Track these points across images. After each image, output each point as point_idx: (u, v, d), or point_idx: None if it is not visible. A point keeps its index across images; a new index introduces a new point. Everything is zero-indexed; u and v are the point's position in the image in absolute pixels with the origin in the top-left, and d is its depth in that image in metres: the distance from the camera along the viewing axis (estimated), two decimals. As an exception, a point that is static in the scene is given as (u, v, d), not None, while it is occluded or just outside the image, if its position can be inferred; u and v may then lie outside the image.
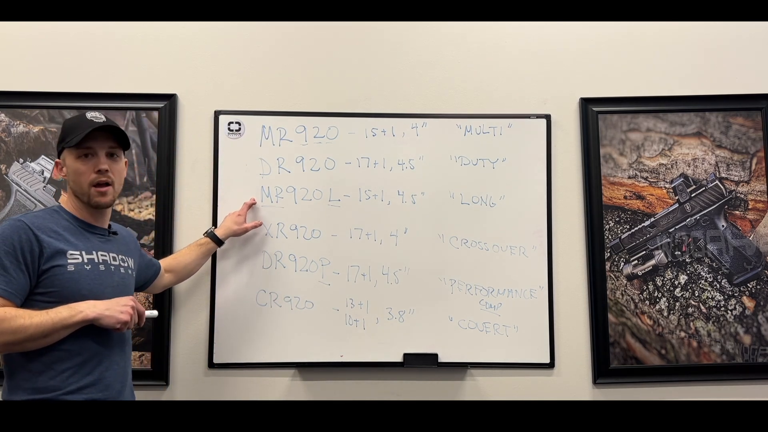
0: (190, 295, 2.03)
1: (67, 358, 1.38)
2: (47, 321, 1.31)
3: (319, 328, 2.01)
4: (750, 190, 2.09)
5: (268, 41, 2.12)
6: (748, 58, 2.15)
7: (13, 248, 1.34)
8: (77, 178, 1.46)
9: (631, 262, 2.08)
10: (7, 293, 1.32)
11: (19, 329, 1.29)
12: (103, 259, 1.48)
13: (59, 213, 1.48)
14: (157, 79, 2.08)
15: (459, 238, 2.06)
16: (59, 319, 1.32)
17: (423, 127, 2.08)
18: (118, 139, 1.50)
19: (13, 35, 2.07)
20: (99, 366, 1.43)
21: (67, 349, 1.38)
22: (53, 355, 1.36)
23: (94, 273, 1.44)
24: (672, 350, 2.04)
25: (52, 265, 1.38)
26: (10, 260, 1.33)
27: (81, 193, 1.47)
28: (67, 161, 1.48)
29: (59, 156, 1.51)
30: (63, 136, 1.48)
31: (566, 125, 2.13)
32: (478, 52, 2.15)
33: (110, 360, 1.46)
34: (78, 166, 1.46)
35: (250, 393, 2.01)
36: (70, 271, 1.39)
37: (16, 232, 1.36)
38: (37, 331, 1.30)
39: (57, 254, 1.39)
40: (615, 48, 2.16)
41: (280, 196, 2.05)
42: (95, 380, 1.41)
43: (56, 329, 1.33)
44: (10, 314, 1.29)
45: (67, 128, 1.49)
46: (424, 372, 2.04)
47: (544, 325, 2.04)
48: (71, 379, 1.37)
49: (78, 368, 1.39)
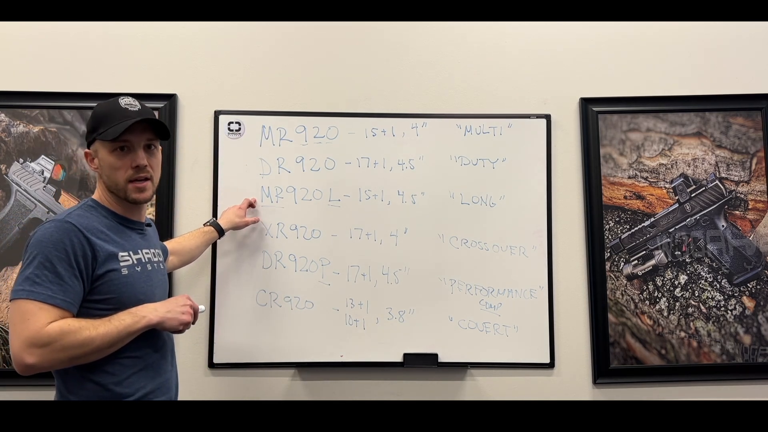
0: (190, 294, 2.02)
1: (131, 365, 1.34)
2: (113, 330, 1.25)
3: (319, 328, 2.01)
4: (750, 190, 2.09)
5: (268, 41, 2.12)
6: (748, 58, 2.15)
7: (66, 253, 1.24)
8: (112, 173, 1.36)
9: (631, 262, 2.08)
10: (66, 303, 1.24)
11: (86, 342, 1.22)
12: (147, 258, 1.42)
13: (97, 209, 1.38)
14: (157, 79, 2.08)
15: (459, 238, 2.06)
16: (123, 327, 1.27)
17: (423, 127, 2.08)
18: (156, 129, 1.40)
19: (13, 35, 2.07)
20: (160, 369, 1.42)
21: (129, 356, 1.34)
22: (117, 362, 1.31)
23: (145, 274, 1.39)
24: (672, 350, 2.04)
25: (107, 269, 1.30)
26: (64, 267, 1.24)
27: (116, 188, 1.37)
28: (100, 154, 1.36)
29: (89, 146, 1.40)
30: (94, 126, 1.36)
31: (566, 125, 2.13)
32: (478, 52, 2.15)
33: (167, 362, 1.45)
34: (113, 161, 1.35)
35: (250, 393, 2.01)
36: (125, 275, 1.33)
37: (67, 235, 1.26)
38: (104, 342, 1.24)
39: (110, 258, 1.31)
40: (615, 48, 2.16)
41: (280, 196, 2.05)
42: (160, 384, 1.41)
43: (122, 337, 1.27)
44: (75, 326, 1.22)
45: (99, 116, 1.36)
46: (424, 372, 2.04)
47: (544, 325, 2.04)
48: (139, 384, 1.35)
49: (143, 372, 1.36)
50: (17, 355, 1.20)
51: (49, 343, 1.20)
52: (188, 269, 2.01)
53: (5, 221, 2.00)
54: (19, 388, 1.94)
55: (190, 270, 2.02)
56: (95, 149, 1.38)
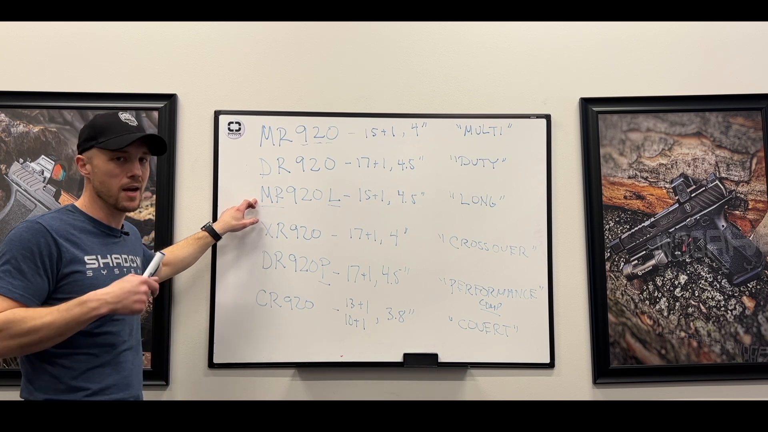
0: (190, 295, 2.03)
1: (87, 360, 1.39)
2: (59, 320, 1.29)
3: (319, 328, 2.01)
4: (750, 190, 2.09)
5: (268, 41, 2.12)
6: (748, 58, 2.15)
7: (31, 252, 1.33)
8: (108, 180, 1.44)
9: (631, 262, 2.08)
10: (23, 297, 1.31)
11: (31, 330, 1.27)
12: (117, 262, 1.48)
13: (74, 214, 1.46)
14: (157, 79, 2.08)
15: (459, 238, 2.06)
16: (71, 318, 1.30)
17: (423, 127, 2.08)
18: (150, 145, 1.50)
19: (13, 35, 2.07)
20: (118, 366, 1.45)
21: (86, 352, 1.39)
22: (74, 357, 1.37)
23: (110, 277, 1.43)
24: (672, 350, 2.04)
25: (72, 270, 1.37)
26: (28, 264, 1.32)
27: (108, 195, 1.46)
28: (96, 161, 1.45)
29: (82, 152, 1.47)
30: (94, 135, 1.44)
31: (566, 125, 2.13)
32: (478, 52, 2.15)
33: (126, 359, 1.48)
34: (111, 169, 1.44)
35: (250, 393, 2.01)
36: (89, 277, 1.39)
37: (34, 235, 1.34)
38: (50, 331, 1.29)
39: (75, 260, 1.38)
40: (615, 48, 2.16)
41: (280, 196, 2.05)
42: (117, 380, 1.44)
43: (70, 327, 1.31)
44: (20, 316, 1.28)
45: (99, 127, 1.45)
46: (424, 372, 2.04)
47: (544, 325, 2.04)
48: (95, 379, 1.39)
49: (99, 368, 1.40)
50: None
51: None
52: (188, 268, 2.01)
53: (5, 221, 2.00)
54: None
55: (190, 270, 2.01)
56: (90, 156, 1.46)
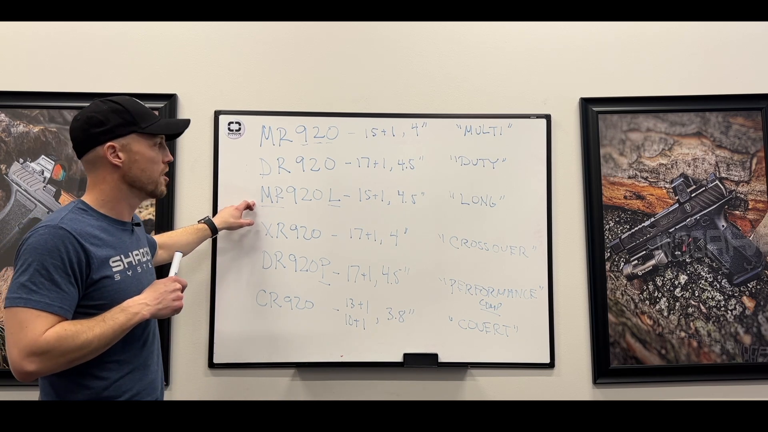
0: (190, 295, 2.03)
1: (118, 369, 1.37)
2: (108, 330, 1.28)
3: (319, 328, 2.02)
4: (750, 190, 2.09)
5: (268, 41, 2.12)
6: (748, 58, 2.15)
7: (61, 261, 1.25)
8: (151, 166, 1.43)
9: (631, 262, 2.08)
10: (62, 311, 1.26)
11: (83, 345, 1.25)
12: (138, 260, 1.45)
13: (88, 212, 1.38)
14: (157, 79, 2.08)
15: (459, 238, 2.06)
16: (118, 326, 1.30)
17: (423, 127, 2.08)
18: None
19: (13, 35, 2.07)
20: (146, 370, 1.44)
21: (117, 360, 1.37)
22: (105, 366, 1.34)
23: (135, 278, 1.41)
24: (672, 350, 2.04)
25: (101, 276, 1.32)
26: (60, 274, 1.25)
27: (149, 182, 1.43)
28: (136, 147, 1.40)
29: (112, 139, 1.38)
30: (132, 119, 1.39)
31: (566, 125, 2.13)
32: (478, 52, 2.15)
33: (152, 362, 1.48)
34: (154, 155, 1.43)
35: (250, 393, 2.01)
36: (117, 281, 1.35)
37: (61, 241, 1.26)
38: (100, 343, 1.27)
39: (103, 264, 1.33)
40: (615, 48, 2.16)
41: (280, 196, 2.05)
42: (145, 385, 1.43)
43: (116, 335, 1.30)
44: (71, 331, 1.24)
45: (136, 112, 1.41)
46: (424, 372, 2.04)
47: (544, 325, 2.04)
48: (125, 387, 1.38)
49: (130, 375, 1.39)
50: (17, 363, 1.22)
51: (48, 350, 1.22)
52: (189, 269, 2.02)
53: (5, 221, 2.00)
54: (19, 388, 1.94)
55: (191, 270, 2.02)
56: (126, 143, 1.39)
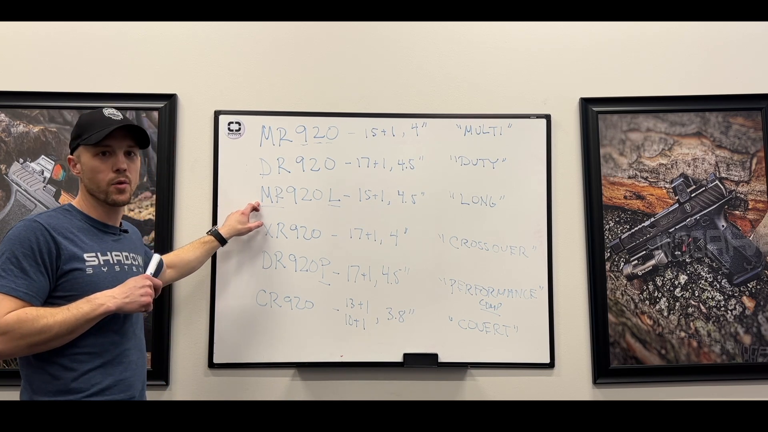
0: (190, 295, 2.03)
1: (89, 360, 1.38)
2: (70, 318, 1.31)
3: (319, 328, 2.01)
4: (750, 190, 2.09)
5: (268, 41, 2.12)
6: (748, 58, 2.15)
7: (31, 250, 1.33)
8: (94, 176, 1.45)
9: (631, 262, 2.08)
10: (27, 296, 1.31)
11: (43, 329, 1.28)
12: (117, 260, 1.48)
13: (71, 213, 1.46)
14: (157, 79, 2.08)
15: (459, 238, 2.06)
16: (81, 315, 1.32)
17: (423, 127, 2.08)
18: (135, 137, 1.50)
19: (13, 35, 2.07)
20: (120, 366, 1.44)
21: (88, 352, 1.38)
22: (75, 357, 1.36)
23: (111, 274, 1.43)
24: (672, 350, 2.04)
25: (71, 268, 1.37)
26: (29, 262, 1.32)
27: (98, 191, 1.46)
28: (83, 158, 1.46)
29: (72, 152, 1.49)
30: (79, 133, 1.46)
31: (566, 125, 2.13)
32: (478, 52, 2.15)
33: (129, 360, 1.47)
34: (96, 165, 1.45)
35: (250, 393, 2.01)
36: (89, 274, 1.39)
37: (33, 233, 1.34)
38: (62, 329, 1.30)
39: (74, 258, 1.38)
40: (615, 48, 2.16)
41: (280, 196, 2.05)
42: (117, 381, 1.42)
43: (80, 324, 1.32)
44: (32, 315, 1.28)
45: (83, 124, 1.46)
46: (424, 372, 2.04)
47: (544, 325, 2.04)
48: (94, 380, 1.38)
49: (101, 369, 1.39)
50: None
51: (8, 331, 1.27)
52: (188, 269, 2.02)
53: (5, 221, 2.00)
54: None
55: (190, 270, 2.02)
56: (78, 155, 1.48)
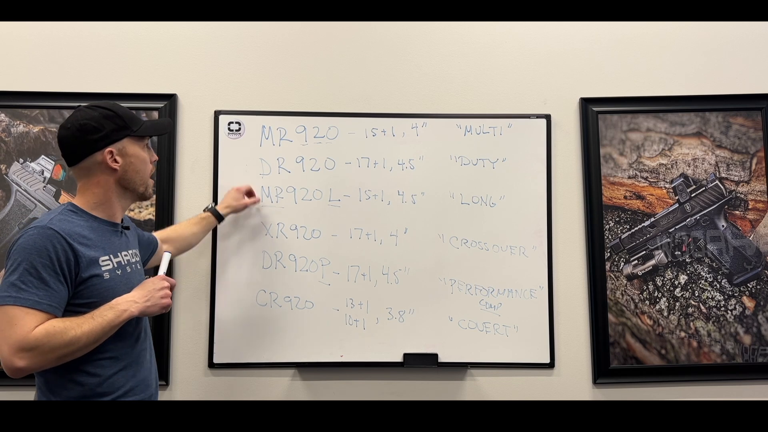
0: (190, 295, 2.03)
1: (111, 365, 1.38)
2: (96, 327, 1.30)
3: (319, 328, 2.01)
4: (750, 190, 2.09)
5: (268, 41, 2.12)
6: (748, 58, 2.15)
7: (49, 259, 1.28)
8: (144, 167, 1.47)
9: (631, 262, 2.08)
10: (51, 308, 1.28)
11: (72, 341, 1.27)
12: (126, 260, 1.47)
13: (77, 214, 1.40)
14: (157, 79, 2.08)
15: (459, 238, 2.06)
16: (107, 323, 1.32)
17: (423, 127, 2.08)
18: None
19: (13, 35, 2.07)
20: (139, 367, 1.46)
21: (110, 356, 1.38)
22: (98, 363, 1.36)
23: (125, 277, 1.43)
24: (672, 350, 2.04)
25: (90, 275, 1.35)
26: (48, 273, 1.28)
27: (141, 183, 1.47)
28: (130, 150, 1.43)
29: (109, 144, 1.40)
30: (124, 124, 1.42)
31: (566, 125, 2.13)
32: (477, 52, 2.15)
33: (145, 360, 1.49)
34: (146, 156, 1.48)
35: (250, 393, 2.01)
36: (107, 280, 1.38)
37: (49, 241, 1.29)
38: (89, 339, 1.30)
39: (92, 263, 1.35)
40: (615, 48, 2.16)
41: (280, 196, 2.05)
42: (139, 382, 1.44)
43: (105, 332, 1.32)
44: (60, 328, 1.27)
45: (127, 115, 1.44)
46: (424, 372, 2.04)
47: (544, 325, 2.04)
48: (118, 384, 1.39)
49: (123, 372, 1.40)
50: (7, 360, 1.25)
51: (37, 346, 1.25)
52: (187, 268, 2.02)
53: (5, 221, 2.00)
54: (17, 388, 1.94)
55: (191, 269, 2.02)
56: (122, 146, 1.43)
